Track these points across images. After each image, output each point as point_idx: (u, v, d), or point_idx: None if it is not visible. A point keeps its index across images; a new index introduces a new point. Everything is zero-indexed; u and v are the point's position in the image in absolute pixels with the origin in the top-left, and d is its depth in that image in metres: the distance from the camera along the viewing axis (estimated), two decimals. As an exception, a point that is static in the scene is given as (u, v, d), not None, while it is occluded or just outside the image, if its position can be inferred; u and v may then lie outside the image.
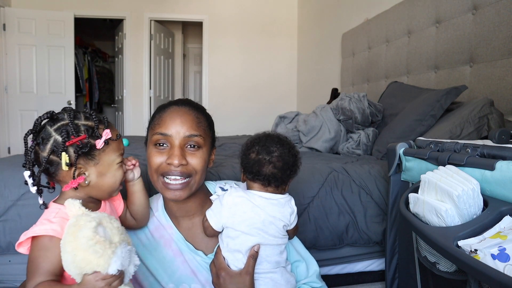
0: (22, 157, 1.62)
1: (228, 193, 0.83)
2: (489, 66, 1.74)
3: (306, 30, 4.84)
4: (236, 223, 0.80)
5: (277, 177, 0.81)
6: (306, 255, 0.95)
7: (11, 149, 4.51)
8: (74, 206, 0.64)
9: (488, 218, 0.67)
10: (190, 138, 0.83)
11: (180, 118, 0.83)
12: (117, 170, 0.75)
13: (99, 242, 0.58)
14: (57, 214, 0.67)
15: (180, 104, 0.87)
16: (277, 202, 0.82)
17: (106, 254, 0.58)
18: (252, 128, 4.74)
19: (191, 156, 0.83)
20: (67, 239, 0.59)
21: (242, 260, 0.80)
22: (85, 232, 0.58)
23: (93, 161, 0.70)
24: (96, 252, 0.57)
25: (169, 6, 4.98)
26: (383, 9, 2.78)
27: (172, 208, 0.91)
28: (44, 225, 0.64)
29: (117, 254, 0.59)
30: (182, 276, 0.86)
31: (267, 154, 0.81)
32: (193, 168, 0.83)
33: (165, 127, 0.83)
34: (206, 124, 0.88)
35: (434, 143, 0.98)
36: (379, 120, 2.23)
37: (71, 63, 4.71)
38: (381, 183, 1.43)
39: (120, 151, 0.76)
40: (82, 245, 0.57)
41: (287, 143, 0.85)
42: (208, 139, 0.87)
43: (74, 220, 0.61)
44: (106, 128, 0.72)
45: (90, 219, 0.60)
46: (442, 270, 0.79)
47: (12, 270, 1.23)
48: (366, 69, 3.04)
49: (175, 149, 0.81)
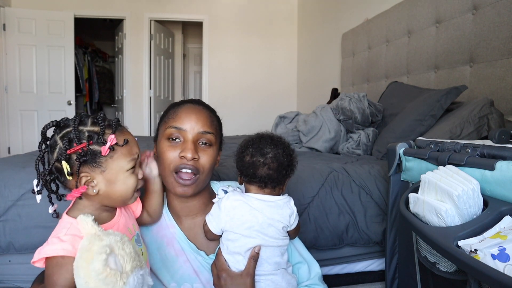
0: (22, 157, 1.62)
1: (226, 197, 0.83)
2: (489, 66, 1.73)
3: (306, 30, 4.84)
4: (235, 226, 0.80)
5: (273, 178, 0.81)
6: (308, 257, 0.95)
7: (11, 149, 4.51)
8: (86, 223, 0.62)
9: (488, 218, 0.67)
10: (203, 135, 0.84)
11: (196, 114, 0.85)
12: (129, 177, 0.70)
13: (110, 276, 0.57)
14: (68, 230, 0.64)
15: (195, 103, 0.90)
16: (275, 204, 0.82)
17: (118, 286, 0.57)
18: (252, 128, 4.74)
19: (202, 153, 0.84)
20: (80, 264, 0.58)
21: (243, 261, 0.80)
22: (95, 265, 0.56)
23: (99, 169, 0.66)
24: (107, 284, 0.56)
25: (169, 6, 4.99)
26: (383, 9, 2.78)
27: (175, 207, 0.91)
28: (54, 244, 0.63)
29: (129, 284, 0.58)
30: (184, 276, 0.86)
31: (261, 156, 0.81)
32: (202, 165, 0.83)
33: (180, 122, 0.84)
34: (217, 124, 0.90)
35: (434, 143, 0.98)
36: (379, 120, 2.23)
37: (71, 63, 4.71)
38: (381, 183, 1.43)
39: (132, 156, 0.70)
40: (93, 277, 0.56)
41: (281, 143, 0.84)
42: (218, 139, 0.89)
43: (87, 243, 0.59)
44: (113, 133, 0.67)
45: (100, 250, 0.58)
46: (442, 270, 0.79)
47: (12, 270, 1.23)
48: (366, 69, 3.04)
49: (189, 143, 0.82)
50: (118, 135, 0.68)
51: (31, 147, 4.43)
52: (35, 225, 1.18)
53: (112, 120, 0.70)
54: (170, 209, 0.93)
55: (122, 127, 0.71)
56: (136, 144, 0.72)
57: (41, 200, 0.68)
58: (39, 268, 0.67)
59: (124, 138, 0.69)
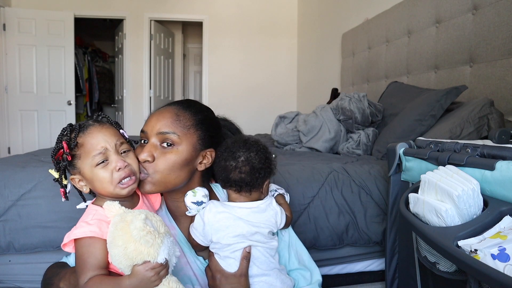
0: (22, 157, 1.62)
1: (208, 209, 0.81)
2: (489, 66, 1.73)
3: (306, 30, 4.84)
4: (221, 237, 0.80)
5: (247, 181, 0.81)
6: (310, 265, 0.95)
7: (11, 149, 4.51)
8: (113, 206, 0.68)
9: (488, 218, 0.67)
10: (164, 135, 0.82)
11: (157, 116, 0.85)
12: (101, 170, 0.72)
13: (150, 232, 0.61)
14: (94, 216, 0.71)
15: (170, 104, 0.89)
16: (258, 209, 0.83)
17: (156, 244, 0.61)
18: (252, 128, 4.78)
19: (161, 155, 0.81)
20: (117, 234, 0.63)
21: (235, 264, 0.80)
22: (136, 224, 0.61)
23: (77, 170, 0.74)
24: (147, 242, 0.61)
25: (169, 6, 4.98)
26: (383, 9, 2.78)
27: (170, 207, 0.92)
28: (82, 227, 0.69)
29: (164, 243, 0.63)
30: (185, 277, 0.86)
31: (233, 160, 0.81)
32: (155, 166, 0.80)
33: (145, 124, 0.86)
34: (189, 122, 0.85)
35: (434, 143, 0.98)
36: (379, 120, 2.23)
37: (71, 63, 4.71)
38: (381, 183, 1.43)
39: (95, 151, 0.72)
40: (134, 236, 0.61)
41: (254, 146, 0.83)
42: (190, 137, 0.84)
43: (120, 218, 0.65)
44: (75, 136, 0.73)
45: (138, 213, 0.64)
46: (442, 270, 0.79)
47: (12, 270, 1.23)
48: (366, 69, 3.04)
49: (147, 145, 0.82)
50: (80, 137, 0.73)
51: (31, 147, 4.43)
52: (35, 225, 1.18)
53: (85, 121, 0.77)
54: (169, 211, 0.93)
55: (88, 127, 0.75)
56: (105, 138, 0.73)
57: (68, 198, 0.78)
58: (39, 268, 0.70)
59: (80, 140, 0.73)
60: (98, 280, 0.65)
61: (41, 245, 1.18)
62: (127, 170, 0.73)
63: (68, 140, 0.72)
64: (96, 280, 0.65)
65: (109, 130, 0.75)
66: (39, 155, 1.61)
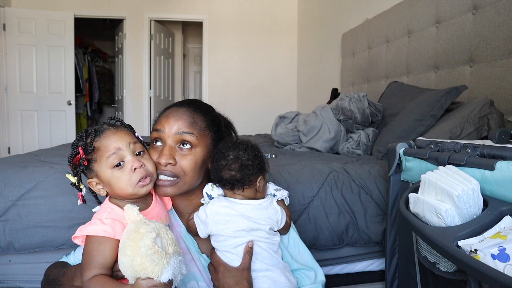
0: (22, 157, 1.62)
1: (212, 203, 0.84)
2: (489, 66, 1.73)
3: (306, 30, 4.84)
4: (221, 229, 0.82)
5: (237, 178, 0.83)
6: (314, 265, 0.95)
7: (11, 149, 4.51)
8: (133, 212, 0.69)
9: (488, 218, 0.67)
10: (182, 136, 0.82)
11: (174, 116, 0.84)
12: (118, 172, 0.73)
13: (157, 252, 0.62)
14: (109, 214, 0.72)
15: (179, 105, 0.88)
16: (260, 206, 0.85)
17: (161, 264, 0.62)
18: (252, 128, 4.75)
19: (182, 157, 0.82)
20: (127, 244, 0.64)
21: (237, 259, 0.81)
22: (146, 242, 0.62)
23: (94, 173, 0.75)
24: (153, 260, 0.61)
25: (169, 6, 4.98)
26: (383, 9, 2.78)
27: (178, 206, 0.92)
28: (96, 225, 0.70)
29: (170, 265, 0.63)
30: (190, 273, 0.87)
31: (223, 159, 0.84)
32: (181, 169, 0.82)
33: (160, 124, 0.85)
34: (204, 124, 0.86)
35: (434, 143, 0.98)
36: (379, 120, 2.23)
37: (71, 63, 4.71)
38: (381, 183, 1.43)
39: (109, 152, 0.73)
40: (142, 253, 0.62)
41: (243, 144, 0.86)
42: (205, 139, 0.86)
43: (134, 227, 0.65)
44: (91, 141, 0.74)
45: (150, 230, 0.64)
46: (442, 270, 0.79)
47: (12, 270, 1.23)
48: (366, 69, 3.04)
49: (165, 148, 0.82)
50: (96, 141, 0.74)
51: (31, 147, 4.43)
52: (35, 225, 1.18)
53: (98, 126, 0.77)
54: (175, 208, 0.93)
55: (104, 130, 0.76)
56: (119, 139, 0.75)
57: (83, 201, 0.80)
58: (39, 268, 0.70)
59: (96, 144, 0.74)
60: (102, 281, 0.66)
61: (41, 245, 1.18)
62: (143, 170, 0.75)
63: (84, 145, 0.73)
64: (100, 279, 0.66)
65: (123, 132, 0.77)
66: (39, 155, 1.61)
